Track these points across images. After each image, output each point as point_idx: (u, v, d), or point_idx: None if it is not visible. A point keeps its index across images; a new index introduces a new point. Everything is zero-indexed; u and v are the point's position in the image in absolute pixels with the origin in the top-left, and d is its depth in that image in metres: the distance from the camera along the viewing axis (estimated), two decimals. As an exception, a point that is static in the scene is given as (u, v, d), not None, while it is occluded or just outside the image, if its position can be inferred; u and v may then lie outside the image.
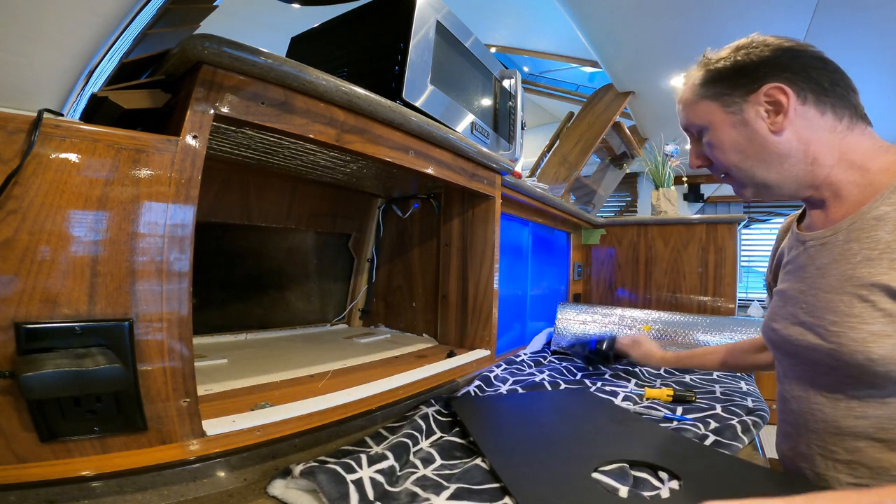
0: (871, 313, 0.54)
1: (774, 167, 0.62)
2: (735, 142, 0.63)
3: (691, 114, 0.67)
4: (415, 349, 1.09)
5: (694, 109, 0.66)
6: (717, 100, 0.63)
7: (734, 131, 0.63)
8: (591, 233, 2.21)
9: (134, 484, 0.49)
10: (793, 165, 0.61)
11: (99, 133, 0.47)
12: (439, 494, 0.53)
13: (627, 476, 0.58)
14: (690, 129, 0.69)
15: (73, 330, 0.46)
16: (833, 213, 0.63)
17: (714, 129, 0.64)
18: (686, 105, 0.68)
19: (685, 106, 0.68)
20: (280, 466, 0.58)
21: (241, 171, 1.05)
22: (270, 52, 0.57)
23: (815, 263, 0.63)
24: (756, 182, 0.64)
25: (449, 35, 1.06)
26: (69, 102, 0.51)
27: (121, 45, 0.53)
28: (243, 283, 1.17)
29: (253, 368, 0.82)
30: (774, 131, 0.60)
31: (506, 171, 1.13)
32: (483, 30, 3.41)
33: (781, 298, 0.69)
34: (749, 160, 0.63)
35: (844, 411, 0.58)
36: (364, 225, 1.39)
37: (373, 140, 0.74)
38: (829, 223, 0.63)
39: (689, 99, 0.67)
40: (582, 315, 1.58)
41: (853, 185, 0.60)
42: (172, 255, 0.51)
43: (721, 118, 0.63)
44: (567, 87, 4.43)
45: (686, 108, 0.68)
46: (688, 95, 0.68)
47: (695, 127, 0.67)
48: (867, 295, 0.54)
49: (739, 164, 0.64)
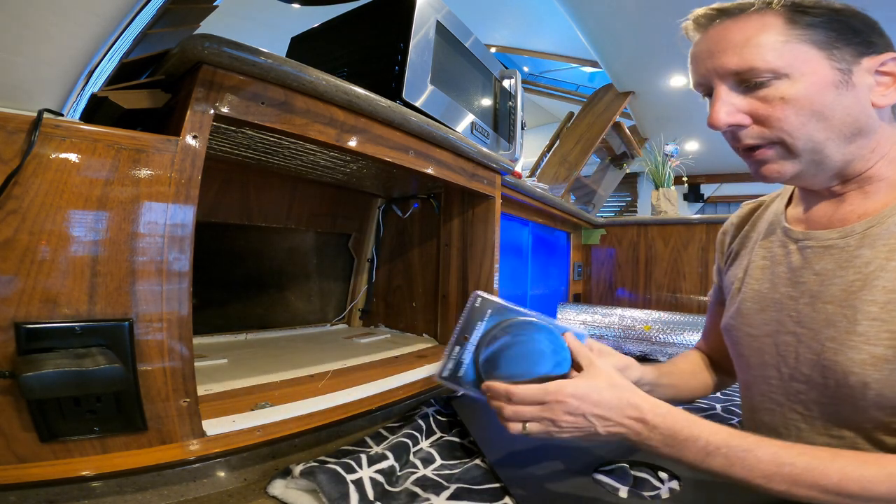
0: (878, 334, 0.48)
1: (847, 144, 0.52)
2: (827, 104, 0.50)
3: (769, 54, 0.50)
4: (415, 349, 1.09)
5: (778, 50, 0.50)
6: (823, 49, 0.50)
7: (833, 92, 0.50)
8: (591, 233, 2.21)
9: (134, 484, 0.49)
10: (861, 147, 0.52)
11: (99, 133, 0.47)
12: (439, 494, 0.53)
13: (627, 476, 0.58)
14: (747, 74, 0.52)
15: (73, 330, 0.46)
16: (845, 210, 0.55)
17: (804, 83, 0.50)
18: (755, 41, 0.51)
19: (752, 42, 0.51)
20: (280, 466, 0.58)
21: (241, 171, 1.05)
22: (270, 52, 0.57)
23: (812, 268, 0.56)
24: (818, 159, 0.52)
25: (449, 35, 1.06)
26: (69, 102, 0.51)
27: (121, 45, 0.53)
28: (243, 283, 1.17)
29: (253, 368, 0.82)
30: (877, 105, 0.51)
31: (506, 171, 1.13)
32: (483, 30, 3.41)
33: (757, 301, 0.62)
34: (830, 130, 0.51)
35: (820, 429, 0.55)
36: (364, 225, 1.39)
37: (373, 140, 0.74)
38: (836, 223, 0.55)
39: (766, 35, 0.51)
40: (582, 315, 1.58)
41: (885, 182, 0.53)
42: (172, 255, 0.51)
43: (823, 73, 0.50)
44: (567, 87, 4.43)
45: (755, 45, 0.51)
46: (760, 30, 0.51)
47: (765, 73, 0.51)
48: (878, 312, 0.48)
49: (814, 133, 0.51)
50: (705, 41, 0.55)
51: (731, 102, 0.53)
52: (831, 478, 0.42)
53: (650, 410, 0.48)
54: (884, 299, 0.48)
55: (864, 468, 0.42)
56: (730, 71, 0.53)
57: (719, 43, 0.54)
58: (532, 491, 0.54)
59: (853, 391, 0.50)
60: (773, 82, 0.51)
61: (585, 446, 0.66)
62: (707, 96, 0.56)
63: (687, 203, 5.33)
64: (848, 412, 0.52)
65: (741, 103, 0.53)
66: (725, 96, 0.53)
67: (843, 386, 0.50)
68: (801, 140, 0.52)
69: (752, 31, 0.51)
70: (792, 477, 0.43)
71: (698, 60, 0.56)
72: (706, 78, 0.55)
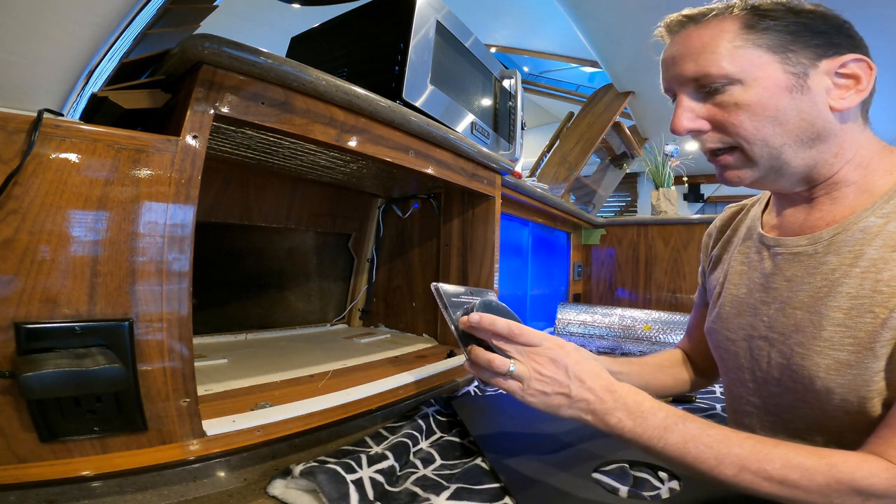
0: (842, 339, 0.48)
1: (806, 149, 0.51)
2: (781, 109, 0.50)
3: (723, 60, 0.50)
4: (415, 349, 1.09)
5: (731, 56, 0.50)
6: (777, 53, 0.50)
7: (786, 96, 0.50)
8: (591, 233, 2.21)
9: (134, 484, 0.49)
10: (822, 152, 0.52)
11: (99, 133, 0.47)
12: (439, 494, 0.53)
13: (627, 476, 0.58)
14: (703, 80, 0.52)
15: (73, 330, 0.46)
16: (815, 217, 0.55)
17: (757, 88, 0.50)
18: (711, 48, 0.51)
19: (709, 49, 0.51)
20: (280, 466, 0.58)
21: (241, 171, 1.05)
22: (270, 52, 0.57)
23: (783, 274, 0.56)
24: (776, 165, 0.53)
25: (449, 35, 1.06)
26: (69, 102, 0.51)
27: (121, 45, 0.53)
28: (243, 283, 1.17)
29: (253, 368, 0.82)
30: (835, 108, 0.50)
31: (506, 171, 1.13)
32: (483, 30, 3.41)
33: (734, 306, 0.63)
34: (786, 135, 0.51)
35: (794, 433, 0.55)
36: (364, 225, 1.39)
37: (373, 140, 0.74)
38: (807, 230, 0.56)
39: (721, 41, 0.51)
40: (582, 315, 1.58)
41: (852, 188, 0.53)
42: (172, 255, 0.51)
43: (775, 77, 0.50)
44: (567, 87, 4.43)
45: (710, 52, 0.51)
46: (717, 36, 0.51)
47: (719, 79, 0.51)
48: (843, 318, 0.49)
49: (770, 138, 0.51)
50: (670, 48, 0.56)
51: (692, 108, 0.54)
52: (774, 463, 0.43)
53: (619, 385, 0.51)
54: (848, 305, 0.49)
55: (805, 457, 0.43)
56: (688, 77, 0.53)
57: (680, 49, 0.54)
58: (532, 491, 0.54)
59: (819, 396, 0.51)
60: (728, 88, 0.51)
61: (585, 446, 0.66)
62: (674, 101, 0.57)
63: (687, 203, 5.34)
64: (818, 416, 0.53)
65: (700, 109, 0.54)
66: (686, 103, 0.54)
67: (810, 391, 0.52)
68: (756, 146, 0.52)
69: (709, 38, 0.52)
70: (740, 460, 0.44)
71: (664, 67, 0.57)
72: (670, 84, 0.56)
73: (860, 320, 0.48)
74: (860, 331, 0.47)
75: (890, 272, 0.46)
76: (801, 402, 0.54)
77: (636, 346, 1.46)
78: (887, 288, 0.46)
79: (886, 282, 0.46)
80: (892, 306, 0.46)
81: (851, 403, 0.49)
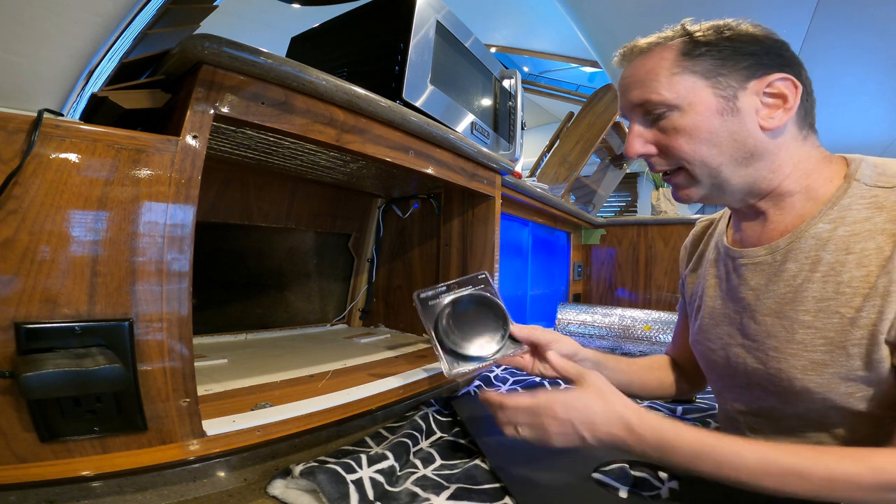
0: (814, 341, 0.51)
1: (742, 168, 0.54)
2: (714, 131, 0.53)
3: (662, 87, 0.54)
4: (415, 349, 1.09)
5: (669, 83, 0.54)
6: (708, 78, 0.53)
7: (718, 119, 0.53)
8: (591, 233, 2.21)
9: (134, 484, 0.49)
10: (758, 169, 0.55)
11: (99, 133, 0.47)
12: (439, 494, 0.53)
13: (627, 476, 0.58)
14: (647, 107, 0.56)
15: (73, 330, 0.46)
16: (770, 228, 0.58)
17: (691, 113, 0.53)
18: (652, 76, 0.55)
19: (650, 77, 0.55)
20: (280, 466, 0.58)
21: (241, 171, 1.05)
22: (270, 52, 0.57)
23: (748, 284, 0.59)
24: (717, 182, 0.55)
25: (449, 35, 1.06)
26: (69, 102, 0.51)
27: (121, 45, 0.53)
28: (243, 283, 1.17)
29: (253, 368, 0.82)
30: (765, 128, 0.53)
31: (506, 171, 1.13)
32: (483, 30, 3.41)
33: (712, 318, 0.65)
34: (721, 156, 0.53)
35: (786, 431, 0.58)
36: (364, 225, 1.39)
37: (373, 140, 0.74)
38: (765, 240, 0.58)
39: (661, 69, 0.54)
40: (582, 315, 1.58)
41: (798, 197, 0.56)
42: (172, 255, 0.51)
43: (707, 101, 0.53)
44: (567, 87, 4.43)
45: (651, 80, 0.55)
46: (657, 64, 0.55)
47: (659, 105, 0.54)
48: (811, 321, 0.51)
49: (707, 159, 0.54)
50: (622, 75, 0.60)
51: (641, 134, 0.58)
52: (818, 475, 0.43)
53: (638, 421, 0.50)
54: (815, 308, 0.52)
55: (848, 465, 0.43)
56: (635, 104, 0.57)
57: (628, 78, 0.58)
58: (532, 491, 0.54)
59: (800, 396, 0.53)
60: (668, 114, 0.55)
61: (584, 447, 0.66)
62: None
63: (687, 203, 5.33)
64: (805, 414, 0.55)
65: (648, 135, 0.57)
66: (636, 128, 0.58)
67: (790, 392, 0.54)
68: (696, 166, 0.55)
69: (651, 66, 0.55)
70: (780, 477, 0.44)
71: (619, 93, 0.61)
72: (623, 110, 0.60)
73: (828, 321, 0.50)
74: (829, 331, 0.50)
75: (848, 273, 0.50)
76: (785, 403, 0.56)
77: (636, 346, 1.46)
78: (848, 289, 0.49)
79: (847, 283, 0.50)
80: (856, 305, 0.49)
81: (833, 401, 0.51)
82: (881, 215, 0.50)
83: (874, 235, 0.49)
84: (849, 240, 0.51)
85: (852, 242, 0.50)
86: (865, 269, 0.49)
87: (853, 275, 0.49)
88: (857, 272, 0.49)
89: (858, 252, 0.50)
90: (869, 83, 2.41)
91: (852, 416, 0.51)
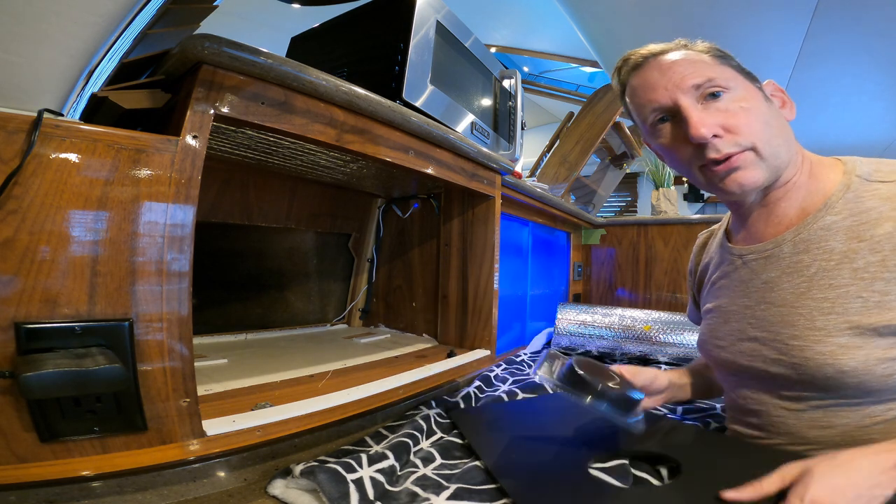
0: (838, 325, 0.52)
1: (788, 146, 0.58)
2: (767, 114, 0.57)
3: (712, 70, 0.56)
4: (415, 349, 1.09)
5: (716, 68, 0.57)
6: (741, 72, 0.59)
7: (765, 105, 0.58)
8: (591, 233, 2.21)
9: (134, 484, 0.49)
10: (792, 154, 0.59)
11: (99, 133, 0.47)
12: (439, 494, 0.53)
13: (625, 469, 0.58)
14: (708, 86, 0.56)
15: (73, 330, 0.46)
16: (774, 223, 0.61)
17: (747, 95, 0.57)
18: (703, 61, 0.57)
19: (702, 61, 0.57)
20: (280, 466, 0.58)
21: (241, 171, 1.05)
22: (270, 52, 0.57)
23: (759, 277, 0.61)
24: (776, 164, 0.57)
25: (449, 35, 1.06)
26: (69, 102, 0.51)
27: (121, 45, 0.53)
28: (243, 283, 1.17)
29: (253, 368, 0.82)
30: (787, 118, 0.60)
31: (506, 171, 1.13)
32: (483, 30, 3.42)
33: (720, 315, 0.66)
34: (778, 136, 0.57)
35: (808, 422, 0.57)
36: (364, 225, 1.39)
37: (373, 140, 0.74)
38: (770, 234, 0.61)
39: (706, 57, 0.58)
40: (582, 315, 1.58)
41: (803, 191, 0.59)
42: (172, 255, 0.51)
43: (752, 89, 0.58)
44: (567, 87, 4.44)
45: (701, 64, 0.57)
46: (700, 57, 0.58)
47: (723, 83, 0.56)
48: (831, 307, 0.53)
49: (771, 138, 0.56)
50: (649, 71, 0.60)
51: (703, 117, 0.55)
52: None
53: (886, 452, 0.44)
54: (833, 295, 0.53)
55: None
56: (691, 85, 0.56)
57: (671, 67, 0.58)
58: (532, 491, 0.54)
59: (831, 381, 0.53)
60: (729, 94, 0.56)
61: (585, 446, 0.66)
62: (660, 121, 0.60)
63: (687, 203, 5.33)
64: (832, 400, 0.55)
65: (708, 116, 0.56)
66: (694, 113, 0.56)
67: (820, 378, 0.54)
68: (766, 145, 0.56)
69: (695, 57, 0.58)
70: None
71: (648, 87, 0.59)
72: (665, 97, 0.58)
73: (850, 306, 0.52)
74: (853, 315, 0.51)
75: (863, 259, 0.52)
76: (809, 393, 0.56)
77: (636, 346, 1.46)
78: (867, 274, 0.51)
79: (864, 269, 0.52)
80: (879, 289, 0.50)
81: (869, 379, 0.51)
82: (886, 205, 0.53)
83: (882, 223, 0.52)
84: (858, 229, 0.53)
85: (862, 231, 0.53)
86: (880, 255, 0.51)
87: (868, 260, 0.51)
88: (872, 258, 0.51)
89: (870, 239, 0.52)
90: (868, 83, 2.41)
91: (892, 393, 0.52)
